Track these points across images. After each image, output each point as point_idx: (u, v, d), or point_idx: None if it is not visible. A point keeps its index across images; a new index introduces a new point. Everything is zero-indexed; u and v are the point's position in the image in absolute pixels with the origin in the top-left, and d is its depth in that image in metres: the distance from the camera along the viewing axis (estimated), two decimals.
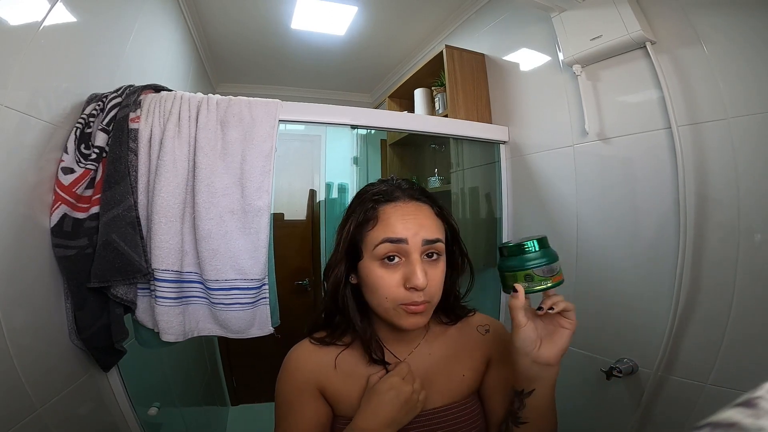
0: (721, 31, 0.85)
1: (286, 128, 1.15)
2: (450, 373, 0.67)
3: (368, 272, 0.60)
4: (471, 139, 1.44)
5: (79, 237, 0.87)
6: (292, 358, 0.66)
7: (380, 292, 0.59)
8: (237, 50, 2.17)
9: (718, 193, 0.86)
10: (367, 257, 0.60)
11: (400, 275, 0.58)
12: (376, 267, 0.59)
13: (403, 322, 0.59)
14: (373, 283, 0.59)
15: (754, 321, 0.81)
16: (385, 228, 0.59)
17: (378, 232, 0.59)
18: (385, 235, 0.59)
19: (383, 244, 0.58)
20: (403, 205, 0.62)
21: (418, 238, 0.58)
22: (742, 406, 0.19)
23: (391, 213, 0.60)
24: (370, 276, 0.59)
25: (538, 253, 0.61)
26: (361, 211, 0.62)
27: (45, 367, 0.80)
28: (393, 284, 0.58)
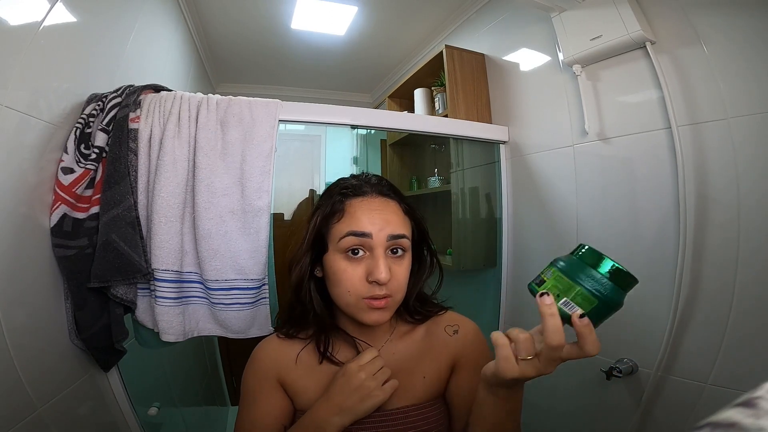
0: (721, 31, 0.85)
1: (286, 128, 1.15)
2: (411, 374, 0.64)
3: (332, 265, 0.60)
4: (471, 139, 1.44)
5: (79, 237, 0.87)
6: (258, 351, 0.68)
7: (343, 285, 0.59)
8: (237, 50, 2.17)
9: (718, 192, 0.86)
10: (332, 250, 0.61)
11: (363, 269, 0.58)
12: (340, 260, 0.60)
13: (365, 317, 0.59)
14: (337, 275, 0.59)
15: (754, 321, 0.81)
16: (350, 221, 0.60)
17: (343, 225, 0.60)
18: (350, 228, 0.59)
19: (348, 237, 0.59)
20: (371, 199, 0.62)
21: (383, 233, 0.59)
22: (742, 406, 0.19)
23: (358, 207, 0.61)
24: (333, 268, 0.60)
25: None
26: (328, 204, 0.63)
27: (45, 367, 0.80)
28: (356, 277, 0.58)
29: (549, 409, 1.27)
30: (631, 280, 0.45)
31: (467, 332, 0.70)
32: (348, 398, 0.57)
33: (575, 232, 1.17)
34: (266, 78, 2.59)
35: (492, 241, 1.51)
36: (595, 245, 0.46)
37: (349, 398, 0.57)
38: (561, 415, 1.23)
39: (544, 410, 1.29)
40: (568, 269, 0.45)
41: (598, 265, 0.45)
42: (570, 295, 0.43)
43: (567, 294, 0.43)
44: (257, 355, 0.68)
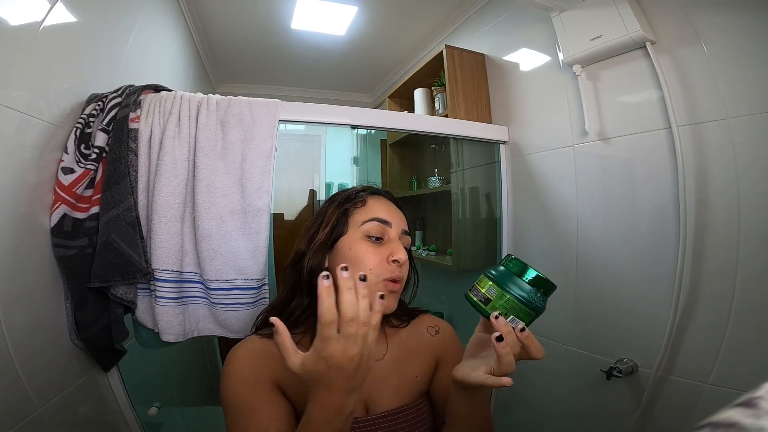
0: (722, 30, 0.85)
1: (286, 128, 1.15)
2: (402, 374, 0.67)
3: (354, 246, 0.63)
4: (471, 139, 1.44)
5: (79, 237, 0.87)
6: (238, 355, 0.61)
7: (366, 264, 0.61)
8: (237, 50, 2.17)
9: (719, 192, 0.86)
10: (352, 233, 0.64)
11: (384, 252, 0.63)
12: (363, 242, 0.63)
13: (386, 302, 0.58)
14: (360, 256, 0.62)
15: (754, 321, 0.81)
16: (372, 210, 0.66)
17: (367, 212, 0.66)
18: (376, 215, 0.65)
19: (372, 221, 0.64)
20: (386, 201, 0.71)
21: (398, 227, 0.67)
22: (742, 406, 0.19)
23: (377, 201, 0.69)
24: (355, 250, 0.63)
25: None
26: (345, 197, 0.69)
27: (45, 366, 0.80)
28: (379, 258, 0.62)
29: (549, 409, 1.27)
30: (553, 287, 0.52)
31: (446, 332, 0.75)
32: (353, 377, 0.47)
33: (575, 232, 1.17)
34: (266, 78, 2.59)
35: (492, 241, 1.51)
36: (595, 245, 0.49)
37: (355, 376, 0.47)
38: (561, 415, 1.23)
39: (545, 410, 1.29)
40: (511, 288, 0.50)
41: (526, 277, 0.51)
42: (515, 312, 0.49)
43: (512, 312, 0.49)
44: (243, 360, 0.61)
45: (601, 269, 1.10)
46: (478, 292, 0.51)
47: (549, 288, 0.51)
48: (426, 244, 1.99)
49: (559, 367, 1.22)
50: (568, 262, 1.18)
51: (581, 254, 1.16)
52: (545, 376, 1.28)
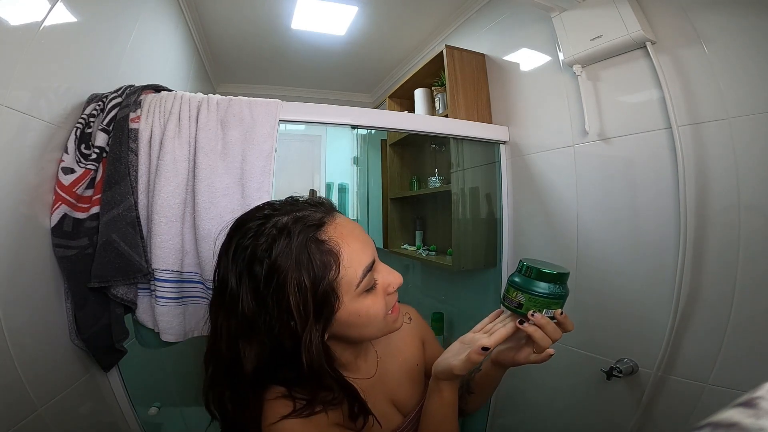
0: (722, 30, 0.85)
1: (286, 128, 1.15)
2: (408, 369, 0.69)
3: (356, 312, 0.51)
4: (471, 139, 1.44)
5: (79, 237, 0.87)
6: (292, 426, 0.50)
7: (376, 318, 0.53)
8: (237, 50, 2.17)
9: (719, 192, 0.86)
10: (349, 299, 0.51)
11: (380, 290, 0.54)
12: (363, 300, 0.52)
13: (396, 324, 0.58)
14: (367, 316, 0.52)
15: (754, 321, 0.81)
16: (351, 259, 0.50)
17: (351, 270, 0.50)
18: (361, 266, 0.51)
19: (365, 279, 0.51)
20: (340, 221, 0.53)
21: (374, 248, 0.55)
22: (743, 406, 0.19)
23: (341, 239, 0.50)
24: (361, 314, 0.52)
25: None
26: (305, 261, 0.48)
27: (45, 367, 0.80)
28: (380, 301, 0.53)
29: (549, 408, 1.27)
30: (566, 275, 0.59)
31: (416, 315, 0.78)
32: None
33: (575, 232, 1.17)
34: (266, 78, 2.59)
35: (492, 241, 1.51)
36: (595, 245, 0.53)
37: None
38: (561, 415, 1.23)
39: (545, 410, 1.29)
40: (534, 290, 0.57)
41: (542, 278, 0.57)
42: (547, 305, 0.57)
43: (544, 306, 0.57)
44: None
45: (601, 269, 1.10)
46: (510, 300, 0.59)
47: (563, 277, 0.58)
48: (426, 244, 1.98)
49: (559, 366, 1.22)
50: (568, 262, 1.18)
51: (581, 254, 1.15)
52: (546, 375, 1.28)
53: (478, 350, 0.53)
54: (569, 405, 1.20)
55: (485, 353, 0.53)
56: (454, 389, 0.58)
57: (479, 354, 0.53)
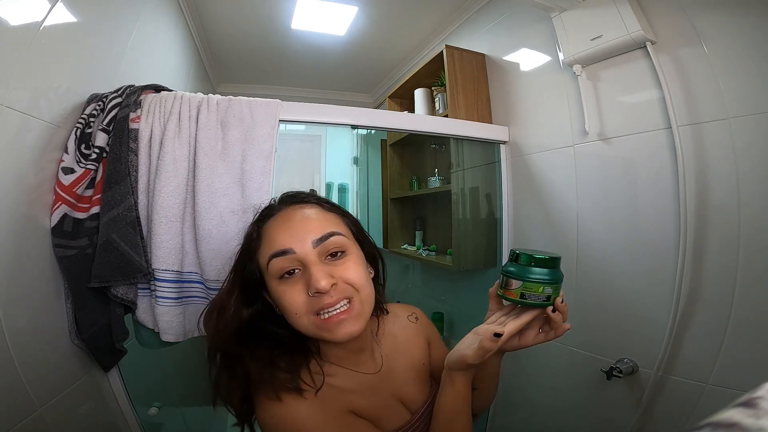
0: (722, 30, 0.85)
1: (286, 128, 1.15)
2: (414, 367, 0.69)
3: (273, 292, 0.56)
4: (471, 139, 1.44)
5: (79, 237, 0.87)
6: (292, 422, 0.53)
7: (289, 309, 0.54)
8: (237, 50, 2.17)
9: (719, 192, 0.86)
10: (269, 281, 0.56)
11: (303, 285, 0.54)
12: (277, 286, 0.55)
13: (333, 335, 0.54)
14: (281, 303, 0.55)
15: (754, 321, 0.81)
16: (269, 244, 0.56)
17: (264, 252, 0.56)
18: (271, 250, 0.55)
19: (272, 260, 0.55)
20: (283, 214, 0.59)
21: (306, 242, 0.55)
22: (743, 406, 0.19)
23: (272, 227, 0.58)
24: (275, 295, 0.56)
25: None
26: (246, 241, 0.60)
27: (45, 367, 0.80)
28: (296, 296, 0.54)
29: (549, 408, 1.27)
30: (558, 259, 0.61)
31: (422, 315, 0.79)
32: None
33: (575, 232, 1.17)
34: (266, 78, 2.59)
35: (492, 241, 1.51)
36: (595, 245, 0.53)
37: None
38: (561, 415, 1.23)
39: (545, 410, 1.29)
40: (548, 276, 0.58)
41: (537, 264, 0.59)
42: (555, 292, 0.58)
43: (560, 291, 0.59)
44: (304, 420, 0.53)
45: (601, 269, 1.10)
46: (537, 296, 0.57)
47: (556, 261, 0.60)
48: (426, 244, 1.99)
49: (559, 366, 1.22)
50: (568, 262, 1.18)
51: (581, 254, 1.16)
52: (546, 375, 1.28)
53: (490, 337, 0.53)
54: (569, 405, 1.20)
55: (497, 339, 0.53)
56: (467, 381, 0.58)
57: (492, 341, 0.53)
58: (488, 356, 0.54)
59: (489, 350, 0.53)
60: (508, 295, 0.59)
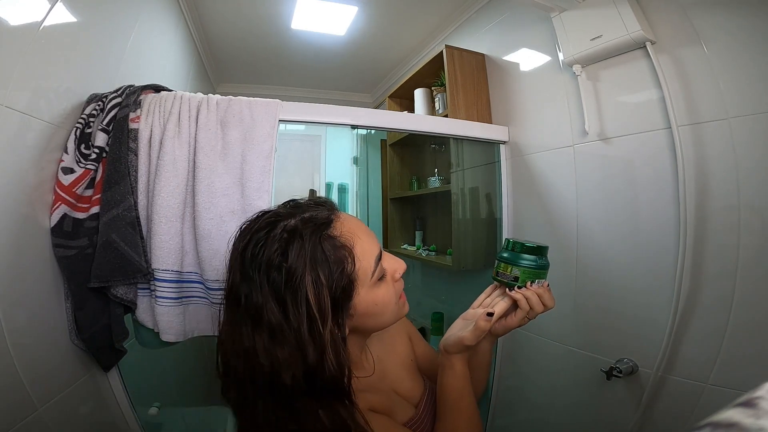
0: (722, 30, 0.85)
1: (286, 128, 1.15)
2: (404, 363, 0.71)
3: (372, 300, 0.54)
4: (471, 139, 1.44)
5: (79, 237, 0.87)
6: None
7: (391, 303, 0.56)
8: (237, 50, 2.17)
9: (719, 192, 0.86)
10: (365, 290, 0.53)
11: (388, 278, 0.57)
12: (377, 289, 0.55)
13: (405, 308, 0.61)
14: (383, 301, 0.55)
15: (754, 321, 0.81)
16: (364, 251, 0.52)
17: (365, 262, 0.52)
18: (373, 257, 0.54)
19: (377, 267, 0.54)
20: (344, 220, 0.55)
21: (377, 238, 0.59)
22: (743, 406, 0.19)
23: (352, 234, 0.52)
24: (377, 302, 0.54)
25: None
26: (321, 258, 0.49)
27: (45, 367, 0.80)
28: (391, 288, 0.57)
29: (549, 408, 1.27)
30: (546, 248, 0.66)
31: None
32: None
33: (575, 232, 1.17)
34: (266, 78, 2.59)
35: (492, 241, 1.51)
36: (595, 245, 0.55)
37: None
38: (561, 415, 1.23)
39: (544, 410, 1.29)
40: (522, 263, 0.64)
41: (527, 251, 0.64)
42: (536, 276, 0.64)
43: (534, 276, 0.63)
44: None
45: (601, 269, 1.10)
46: (504, 275, 0.64)
47: (544, 250, 0.65)
48: (426, 244, 1.99)
49: (559, 366, 1.22)
50: (568, 262, 1.18)
51: (581, 254, 1.16)
52: (546, 375, 1.28)
53: (483, 317, 0.59)
54: (569, 405, 1.20)
55: (490, 319, 0.59)
56: (464, 362, 0.62)
57: (486, 320, 0.58)
58: (482, 337, 0.59)
59: (484, 329, 0.58)
60: (499, 278, 0.66)
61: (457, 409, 0.60)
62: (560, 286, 1.21)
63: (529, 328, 1.32)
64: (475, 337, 0.58)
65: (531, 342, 1.32)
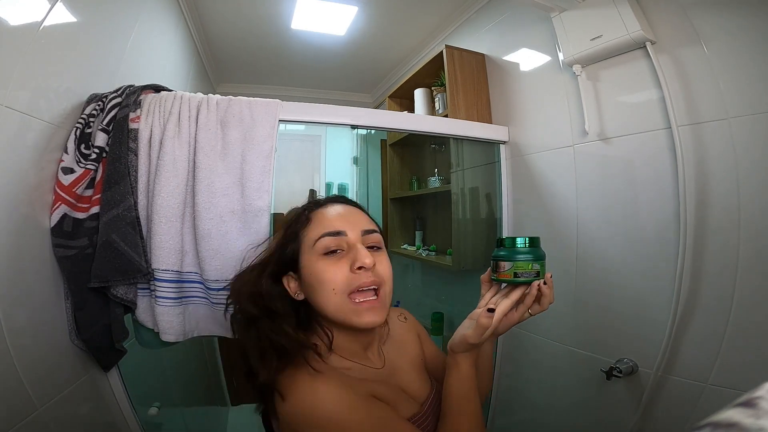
0: (722, 30, 0.85)
1: (286, 128, 1.15)
2: (414, 363, 0.73)
3: (313, 269, 0.60)
4: (471, 139, 1.44)
5: (79, 237, 0.87)
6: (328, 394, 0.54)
7: (326, 284, 0.58)
8: (237, 50, 2.17)
9: (719, 192, 0.86)
10: (308, 256, 0.61)
11: (345, 263, 0.59)
12: (318, 261, 0.60)
13: (360, 320, 0.58)
14: (318, 276, 0.59)
15: (754, 321, 0.81)
16: (321, 224, 0.62)
17: (315, 230, 0.62)
18: (324, 230, 0.61)
19: (323, 238, 0.60)
20: (337, 206, 0.66)
21: (357, 229, 0.62)
22: (742, 406, 0.19)
23: (325, 213, 0.64)
24: (315, 272, 0.59)
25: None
26: (292, 222, 0.65)
27: (45, 367, 0.80)
28: (338, 272, 0.58)
29: (549, 408, 1.27)
30: (538, 239, 0.67)
31: (409, 315, 0.83)
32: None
33: (575, 231, 1.17)
34: (266, 78, 2.59)
35: (492, 241, 1.51)
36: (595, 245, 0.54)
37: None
38: (561, 415, 1.23)
39: (544, 410, 1.29)
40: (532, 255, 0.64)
41: (521, 246, 0.66)
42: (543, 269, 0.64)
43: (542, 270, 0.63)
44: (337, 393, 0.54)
45: (601, 269, 1.10)
46: (528, 273, 0.62)
47: (536, 241, 0.66)
48: (426, 244, 1.98)
49: (559, 366, 1.22)
50: (568, 262, 1.18)
51: (581, 254, 1.16)
52: (546, 375, 1.28)
53: (484, 313, 0.58)
54: (569, 405, 1.20)
55: (491, 315, 0.57)
56: (471, 362, 0.61)
57: (487, 317, 0.57)
58: (486, 335, 0.57)
59: (485, 326, 0.57)
60: (501, 276, 0.63)
61: (460, 411, 0.60)
62: (560, 286, 1.20)
63: (529, 328, 1.32)
64: (478, 335, 0.58)
65: (531, 342, 1.32)
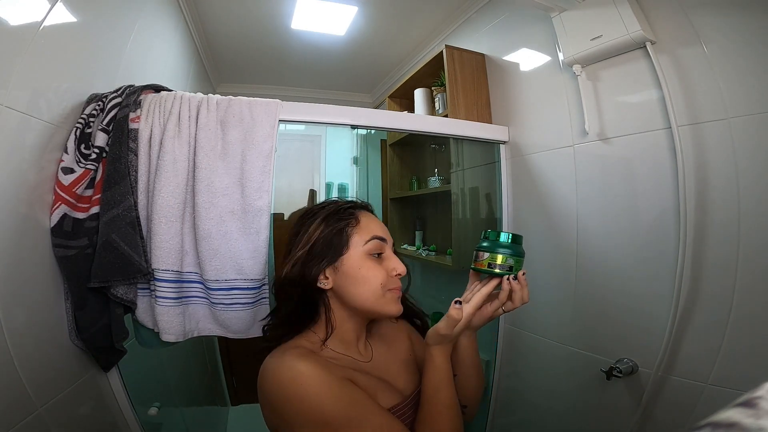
0: (722, 31, 0.85)
1: (286, 128, 1.15)
2: (405, 359, 0.76)
3: (357, 265, 0.66)
4: (471, 139, 1.44)
5: (79, 237, 0.87)
6: (309, 371, 0.57)
7: (373, 280, 0.65)
8: (237, 50, 2.17)
9: (719, 192, 0.86)
10: (355, 252, 0.67)
11: (384, 266, 0.68)
12: (366, 260, 0.67)
13: (392, 307, 0.67)
14: (368, 275, 0.66)
15: (754, 321, 0.81)
16: (369, 228, 0.69)
17: (365, 231, 0.68)
18: (374, 233, 0.68)
19: (374, 240, 0.67)
20: (374, 217, 0.75)
21: (390, 241, 0.72)
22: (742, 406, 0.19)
23: (370, 220, 0.72)
24: (364, 269, 0.66)
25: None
26: (335, 214, 0.70)
27: (45, 367, 0.80)
28: (383, 272, 0.67)
29: (549, 408, 1.27)
30: (521, 237, 0.69)
31: (401, 321, 0.85)
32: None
33: (575, 231, 1.17)
34: (266, 78, 2.59)
35: None
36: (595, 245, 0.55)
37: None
38: (561, 415, 1.23)
39: (545, 410, 1.29)
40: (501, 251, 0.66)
41: (504, 241, 0.68)
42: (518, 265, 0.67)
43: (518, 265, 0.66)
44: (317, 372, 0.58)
45: (601, 269, 1.10)
46: (501, 266, 0.66)
47: (519, 239, 0.68)
48: (426, 244, 1.98)
49: (559, 367, 1.22)
50: (568, 262, 1.18)
51: (581, 254, 1.16)
52: (546, 376, 1.28)
53: (453, 305, 0.62)
54: (569, 405, 1.20)
55: (460, 307, 0.62)
56: (445, 355, 0.65)
57: (456, 309, 0.62)
58: (459, 327, 0.61)
59: (456, 318, 0.61)
60: (477, 266, 0.68)
61: (433, 401, 0.62)
62: (560, 286, 1.21)
63: (530, 329, 1.32)
64: (450, 327, 0.62)
65: (531, 342, 1.32)
